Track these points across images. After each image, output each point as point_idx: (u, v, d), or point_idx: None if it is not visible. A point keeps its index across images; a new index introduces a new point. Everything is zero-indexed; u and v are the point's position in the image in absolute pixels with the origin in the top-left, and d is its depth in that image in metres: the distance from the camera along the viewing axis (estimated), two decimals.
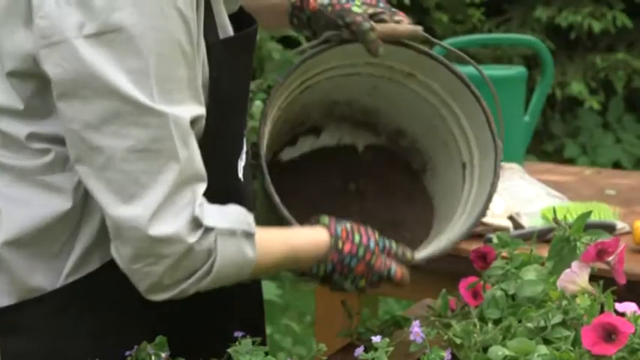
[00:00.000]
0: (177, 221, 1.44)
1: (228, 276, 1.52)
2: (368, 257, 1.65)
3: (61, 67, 1.41)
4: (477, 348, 1.76)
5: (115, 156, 1.42)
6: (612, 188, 3.00)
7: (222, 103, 1.56)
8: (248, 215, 1.53)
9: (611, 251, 1.71)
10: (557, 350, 1.63)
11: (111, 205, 1.44)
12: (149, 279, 1.46)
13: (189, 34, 1.44)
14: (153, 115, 1.41)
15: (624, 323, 1.52)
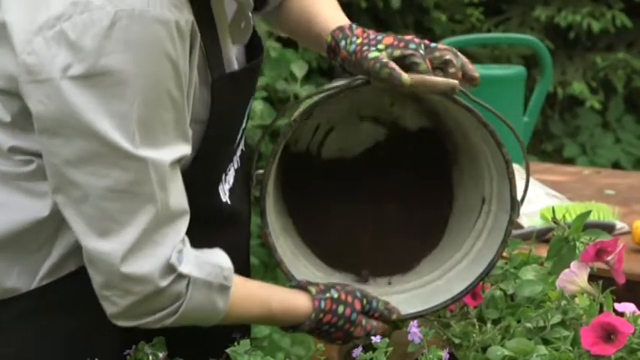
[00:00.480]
0: (151, 262, 1.45)
1: (194, 319, 1.53)
2: (347, 327, 1.66)
3: (44, 105, 1.41)
4: (476, 348, 1.76)
5: (91, 193, 1.43)
6: (611, 188, 3.00)
7: (215, 135, 1.57)
8: (226, 267, 1.53)
9: (611, 251, 1.70)
10: (557, 350, 1.63)
11: (86, 236, 1.45)
12: (114, 307, 1.48)
13: (179, 79, 1.44)
14: (132, 159, 1.42)
15: (623, 323, 1.51)
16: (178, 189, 1.48)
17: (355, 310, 1.65)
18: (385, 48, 1.61)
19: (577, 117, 5.66)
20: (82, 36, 1.38)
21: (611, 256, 1.71)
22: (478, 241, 1.83)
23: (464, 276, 1.80)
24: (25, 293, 1.54)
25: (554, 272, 1.78)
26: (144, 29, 1.39)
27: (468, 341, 1.77)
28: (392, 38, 1.62)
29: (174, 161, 1.46)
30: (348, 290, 1.67)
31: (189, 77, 1.48)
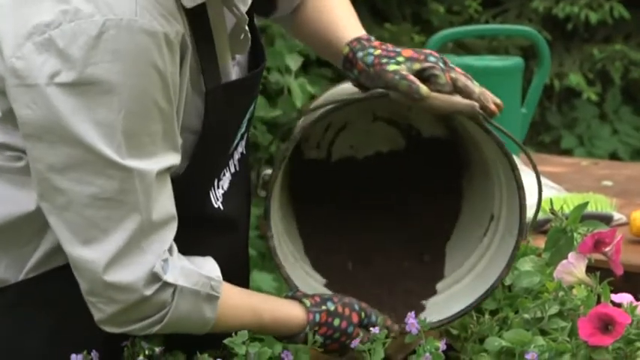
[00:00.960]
0: (135, 272, 1.44)
1: (182, 328, 1.52)
2: (343, 339, 1.64)
3: (30, 110, 1.40)
4: (474, 339, 1.76)
5: (75, 200, 1.42)
6: (609, 179, 3.01)
7: (208, 146, 1.56)
8: (214, 277, 1.52)
9: (608, 242, 1.70)
10: (554, 341, 1.63)
11: (70, 244, 1.45)
12: (100, 314, 1.47)
13: (167, 90, 1.43)
14: (117, 168, 1.41)
15: (621, 314, 1.51)
16: (165, 198, 1.47)
17: (352, 323, 1.64)
18: (405, 61, 1.60)
19: (574, 108, 5.65)
20: (71, 44, 1.38)
21: (609, 248, 1.71)
22: (482, 259, 1.81)
23: (465, 295, 1.78)
24: (11, 285, 1.54)
25: (552, 263, 1.78)
26: (131, 39, 1.39)
27: (466, 332, 1.77)
28: (411, 51, 1.61)
29: (161, 170, 1.45)
30: (346, 302, 1.65)
31: (180, 88, 1.47)
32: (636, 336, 1.53)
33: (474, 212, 1.87)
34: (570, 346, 1.60)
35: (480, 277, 1.79)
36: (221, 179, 1.64)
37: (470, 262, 1.82)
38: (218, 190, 1.63)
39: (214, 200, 1.62)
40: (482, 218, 1.83)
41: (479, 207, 1.85)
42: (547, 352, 1.60)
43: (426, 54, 1.61)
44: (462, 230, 1.88)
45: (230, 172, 1.67)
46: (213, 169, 1.62)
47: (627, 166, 3.65)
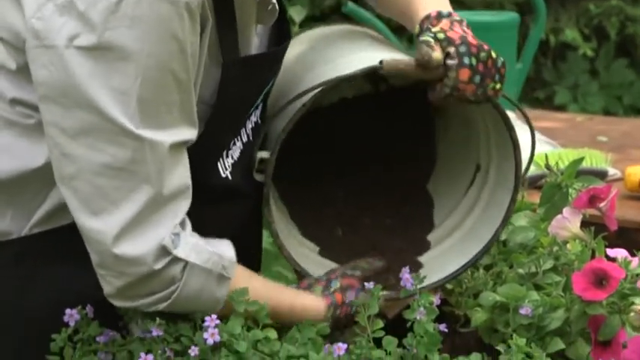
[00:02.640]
0: (145, 244, 1.43)
1: (190, 307, 1.51)
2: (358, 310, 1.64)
3: (48, 71, 1.40)
4: (468, 294, 1.76)
5: (86, 168, 1.41)
6: (604, 135, 3.01)
7: (220, 118, 1.55)
8: (226, 257, 1.51)
9: (603, 197, 1.70)
10: (548, 296, 1.64)
11: (80, 214, 1.44)
12: (109, 287, 1.47)
13: (185, 61, 1.42)
14: (130, 137, 1.40)
15: (615, 269, 1.52)
16: (179, 171, 1.46)
17: (358, 288, 1.65)
18: (444, 39, 1.59)
19: (569, 64, 5.64)
20: (91, 8, 1.38)
21: (604, 203, 1.71)
22: (472, 213, 1.81)
23: (459, 251, 1.77)
24: (15, 239, 1.54)
25: (547, 218, 1.78)
26: (152, 7, 1.38)
27: (460, 287, 1.77)
28: (458, 36, 1.59)
29: (175, 144, 1.44)
30: (341, 273, 1.66)
31: (199, 59, 1.46)
32: (630, 290, 1.53)
33: (453, 160, 1.86)
34: (564, 301, 1.60)
35: (473, 232, 1.79)
36: (231, 149, 1.63)
37: (459, 214, 1.82)
38: (227, 160, 1.62)
39: (222, 170, 1.61)
40: (465, 167, 1.82)
41: (459, 155, 1.84)
42: (541, 307, 1.60)
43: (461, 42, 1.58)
44: (443, 178, 1.87)
45: (242, 141, 1.66)
46: (222, 140, 1.61)
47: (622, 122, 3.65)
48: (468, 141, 1.82)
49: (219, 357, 1.49)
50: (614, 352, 1.52)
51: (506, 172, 1.74)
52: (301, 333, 1.57)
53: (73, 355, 1.52)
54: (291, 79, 1.72)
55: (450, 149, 1.87)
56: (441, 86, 1.58)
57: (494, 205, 1.77)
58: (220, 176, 1.61)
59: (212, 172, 1.60)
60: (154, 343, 1.51)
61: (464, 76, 1.57)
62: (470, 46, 1.58)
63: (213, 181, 1.60)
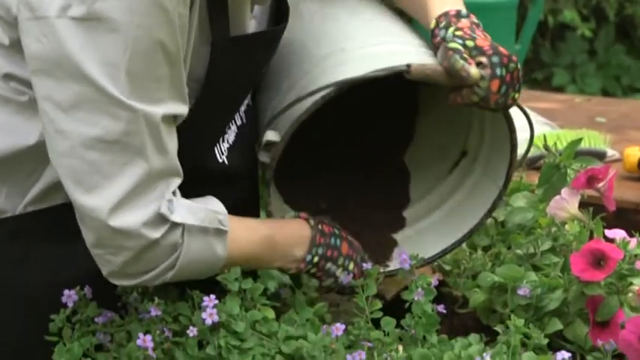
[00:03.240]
0: (142, 215, 1.43)
1: (195, 271, 1.51)
2: (344, 235, 1.65)
3: (40, 43, 1.40)
4: (466, 275, 1.76)
5: (79, 143, 1.41)
6: (602, 116, 3.00)
7: (212, 98, 1.55)
8: (220, 212, 1.51)
9: (601, 178, 1.70)
10: (546, 276, 1.64)
11: (74, 191, 1.44)
12: (109, 266, 1.47)
13: (174, 34, 1.41)
14: (123, 108, 1.40)
15: (613, 249, 1.52)
16: (172, 146, 1.46)
17: (330, 224, 1.66)
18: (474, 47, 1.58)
19: (567, 45, 5.63)
20: None
21: (602, 184, 1.71)
22: (452, 197, 1.80)
23: (434, 236, 1.77)
24: (9, 217, 1.54)
25: (545, 199, 1.78)
26: None
27: (459, 268, 1.77)
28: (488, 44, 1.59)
29: (167, 116, 1.44)
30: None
31: (189, 34, 1.46)
32: (628, 271, 1.53)
33: (438, 138, 1.85)
34: (562, 282, 1.61)
35: (451, 218, 1.78)
36: (226, 133, 1.63)
37: (438, 194, 1.82)
38: (223, 144, 1.62)
39: (219, 155, 1.61)
40: (449, 149, 1.82)
41: (444, 135, 1.83)
42: (539, 288, 1.60)
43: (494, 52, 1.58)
44: (425, 153, 1.86)
45: (236, 124, 1.66)
46: (218, 124, 1.61)
47: (621, 103, 3.64)
48: (457, 124, 1.81)
49: (218, 337, 1.49)
50: (612, 333, 1.52)
51: (496, 167, 1.73)
52: (299, 314, 1.57)
53: (72, 335, 1.52)
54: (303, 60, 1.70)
55: (435, 126, 1.86)
56: (469, 93, 1.57)
57: (478, 196, 1.76)
58: (217, 161, 1.61)
59: (209, 157, 1.60)
60: (153, 324, 1.51)
61: (495, 87, 1.57)
62: (502, 57, 1.58)
63: (211, 167, 1.60)
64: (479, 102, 1.58)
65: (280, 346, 1.51)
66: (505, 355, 1.46)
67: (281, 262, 1.60)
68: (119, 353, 1.50)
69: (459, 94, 1.58)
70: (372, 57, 1.62)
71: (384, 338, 1.51)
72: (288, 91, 1.65)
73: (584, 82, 5.54)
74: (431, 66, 1.58)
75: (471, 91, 1.57)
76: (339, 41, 1.68)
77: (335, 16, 1.74)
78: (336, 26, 1.73)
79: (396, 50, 1.64)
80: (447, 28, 1.62)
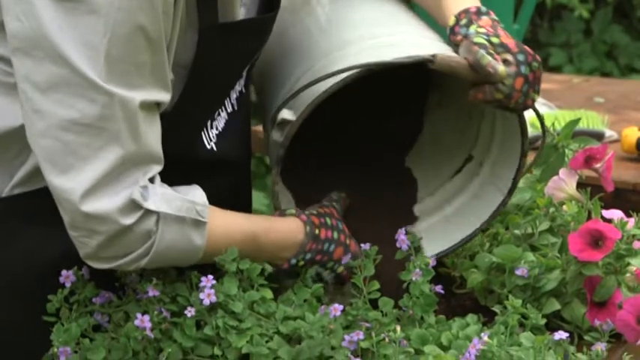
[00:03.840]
0: (114, 201, 1.42)
1: (172, 259, 1.50)
2: (343, 239, 1.63)
3: (19, 22, 1.39)
4: (464, 255, 1.76)
5: (55, 124, 1.40)
6: (601, 96, 3.00)
7: (199, 85, 1.53)
8: (198, 202, 1.49)
9: (600, 158, 1.70)
10: (544, 257, 1.64)
11: (49, 172, 1.43)
12: (85, 249, 1.46)
13: (156, 19, 1.40)
14: (100, 92, 1.38)
15: (611, 229, 1.52)
16: (152, 133, 1.44)
17: (337, 218, 1.64)
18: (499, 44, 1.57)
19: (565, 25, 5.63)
20: None
21: (600, 164, 1.71)
22: (454, 200, 1.79)
23: (439, 234, 1.76)
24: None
25: (543, 179, 1.78)
26: None
27: None
28: (513, 42, 1.58)
29: (146, 102, 1.42)
30: (316, 205, 1.66)
31: (174, 21, 1.44)
32: (626, 251, 1.53)
33: (443, 140, 1.84)
34: (560, 262, 1.61)
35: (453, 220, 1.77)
36: (215, 119, 1.62)
37: (441, 196, 1.80)
38: (212, 131, 1.61)
39: (207, 141, 1.60)
40: (455, 153, 1.81)
41: (451, 138, 1.82)
42: (537, 268, 1.60)
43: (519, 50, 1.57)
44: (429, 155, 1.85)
45: (227, 111, 1.64)
46: (205, 109, 1.59)
47: (619, 83, 3.64)
48: (465, 128, 1.80)
49: (216, 317, 1.49)
50: (609, 313, 1.52)
51: (502, 172, 1.72)
52: (297, 295, 1.57)
53: (70, 316, 1.52)
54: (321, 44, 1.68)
55: (442, 128, 1.85)
56: (492, 90, 1.56)
57: (481, 200, 1.75)
58: (205, 148, 1.60)
59: (196, 143, 1.58)
60: (150, 304, 1.51)
61: (519, 85, 1.56)
62: (527, 55, 1.57)
63: (198, 153, 1.59)
64: (501, 99, 1.56)
65: (278, 326, 1.51)
66: (503, 335, 1.47)
67: (266, 259, 1.59)
68: (117, 333, 1.50)
69: (481, 91, 1.57)
70: (396, 45, 1.61)
71: (381, 318, 1.51)
72: (304, 72, 1.63)
73: (581, 61, 5.53)
74: (456, 58, 1.57)
75: (495, 88, 1.56)
76: (364, 28, 1.67)
77: (359, 5, 1.74)
78: (361, 14, 1.72)
79: (421, 42, 1.63)
80: (468, 26, 1.61)
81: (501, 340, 1.45)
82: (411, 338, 1.47)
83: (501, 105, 1.58)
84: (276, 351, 1.46)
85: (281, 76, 1.70)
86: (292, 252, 1.58)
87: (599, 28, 5.61)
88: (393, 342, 1.40)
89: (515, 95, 1.56)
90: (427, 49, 1.59)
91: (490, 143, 1.76)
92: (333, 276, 1.63)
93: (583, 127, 2.54)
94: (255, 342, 1.47)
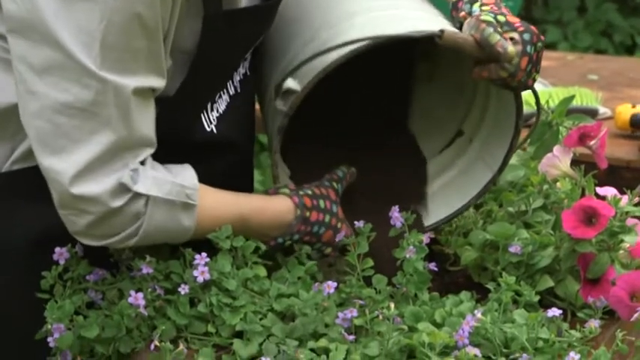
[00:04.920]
0: (103, 184, 1.42)
1: (161, 239, 1.51)
2: (334, 223, 1.63)
3: (15, 4, 1.39)
4: (458, 232, 1.76)
5: (48, 106, 1.40)
6: (595, 73, 3.00)
7: (201, 70, 1.53)
8: (188, 186, 1.49)
9: (593, 135, 1.70)
10: (538, 234, 1.64)
11: (40, 152, 1.43)
12: (74, 226, 1.46)
13: (155, 7, 1.39)
14: (94, 78, 1.38)
15: (605, 207, 1.52)
16: (145, 119, 1.44)
17: (333, 201, 1.64)
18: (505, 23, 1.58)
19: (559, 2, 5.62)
20: None
21: (594, 141, 1.71)
22: (445, 173, 1.79)
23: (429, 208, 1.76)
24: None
25: (537, 157, 1.78)
26: None
27: (450, 226, 1.77)
28: (518, 21, 1.59)
29: (139, 89, 1.42)
30: (315, 183, 1.65)
31: (173, 8, 1.44)
32: (619, 228, 1.53)
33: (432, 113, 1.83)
34: (554, 239, 1.61)
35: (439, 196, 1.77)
36: (216, 102, 1.62)
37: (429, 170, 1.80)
38: (212, 113, 1.60)
39: (207, 124, 1.60)
40: (445, 127, 1.80)
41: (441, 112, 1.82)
42: (531, 245, 1.60)
43: (525, 29, 1.58)
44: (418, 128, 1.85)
45: (229, 94, 1.64)
46: (206, 92, 1.59)
47: (613, 60, 3.64)
48: (456, 102, 1.80)
49: (210, 295, 1.49)
50: (603, 290, 1.52)
51: (493, 150, 1.72)
52: (290, 272, 1.57)
53: (64, 293, 1.52)
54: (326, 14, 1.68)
55: (432, 101, 1.84)
56: (497, 68, 1.56)
57: (469, 176, 1.76)
58: (205, 130, 1.59)
59: (196, 125, 1.58)
60: (144, 281, 1.51)
61: (524, 65, 1.56)
62: (532, 35, 1.57)
63: (197, 135, 1.58)
64: (505, 78, 1.56)
65: (272, 303, 1.51)
66: (496, 312, 1.47)
67: (254, 237, 1.58)
68: (110, 311, 1.50)
69: (486, 69, 1.57)
70: (405, 18, 1.61)
71: (375, 296, 1.52)
72: (306, 43, 1.63)
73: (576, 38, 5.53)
74: (462, 35, 1.57)
75: (500, 67, 1.56)
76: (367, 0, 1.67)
77: None
78: None
79: (424, 16, 1.63)
80: (472, 3, 1.61)
81: (495, 317, 1.45)
82: (405, 315, 1.47)
83: (504, 83, 1.59)
84: (269, 328, 1.47)
85: (280, 47, 1.69)
86: (280, 232, 1.59)
87: (593, 4, 5.60)
88: (386, 319, 1.40)
89: (519, 74, 1.57)
90: (432, 24, 1.59)
91: (482, 120, 1.76)
92: (319, 255, 1.63)
93: (577, 104, 2.54)
94: (249, 319, 1.47)
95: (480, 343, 1.41)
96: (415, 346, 1.39)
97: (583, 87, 2.71)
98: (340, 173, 1.69)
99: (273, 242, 1.59)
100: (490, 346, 1.41)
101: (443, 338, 1.38)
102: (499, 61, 1.56)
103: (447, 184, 1.78)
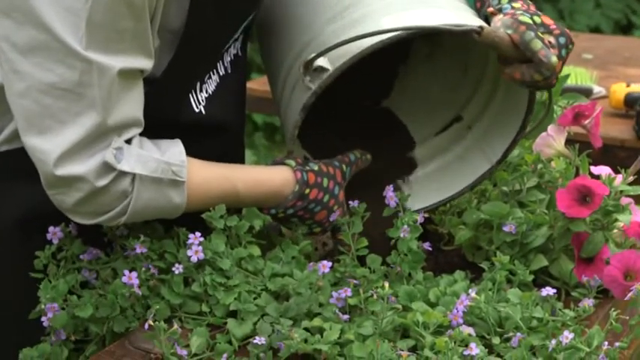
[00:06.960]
0: (87, 164, 1.41)
1: (152, 215, 1.50)
2: (331, 204, 1.62)
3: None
4: (452, 212, 1.76)
5: (35, 86, 1.39)
6: (589, 52, 3.00)
7: (188, 49, 1.52)
8: (174, 163, 1.47)
9: (588, 115, 1.70)
10: (532, 213, 1.64)
11: (26, 132, 1.42)
12: (63, 205, 1.46)
13: None
14: (79, 59, 1.37)
15: (599, 186, 1.52)
16: (131, 100, 1.43)
17: (337, 182, 1.63)
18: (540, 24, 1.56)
19: None
20: None
21: (589, 120, 1.70)
22: (440, 157, 1.78)
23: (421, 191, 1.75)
24: None
25: (532, 136, 1.78)
26: None
27: (444, 205, 1.77)
28: (551, 21, 1.57)
29: (125, 70, 1.41)
30: (326, 161, 1.64)
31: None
32: (613, 207, 1.54)
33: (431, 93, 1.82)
34: (548, 218, 1.61)
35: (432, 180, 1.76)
36: (205, 82, 1.61)
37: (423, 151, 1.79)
38: (201, 94, 1.60)
39: (195, 105, 1.59)
40: (442, 110, 1.79)
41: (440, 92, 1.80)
42: (525, 224, 1.61)
43: (561, 33, 1.57)
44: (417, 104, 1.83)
45: (218, 74, 1.63)
46: (194, 72, 1.58)
47: (607, 39, 3.63)
48: (457, 86, 1.79)
49: (204, 274, 1.49)
50: (597, 269, 1.53)
51: (494, 142, 1.71)
52: (285, 252, 1.57)
53: (57, 272, 1.52)
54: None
55: (430, 81, 1.83)
56: (532, 72, 1.54)
57: (466, 163, 1.75)
58: (193, 111, 1.58)
59: (183, 106, 1.57)
60: (138, 261, 1.51)
61: (559, 69, 1.55)
62: (567, 38, 1.56)
63: (185, 116, 1.57)
64: (539, 81, 1.54)
65: (266, 283, 1.51)
66: (490, 291, 1.47)
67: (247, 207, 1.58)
68: (104, 290, 1.50)
69: (518, 71, 1.55)
70: (441, 9, 1.59)
71: (369, 275, 1.52)
72: (337, 19, 1.60)
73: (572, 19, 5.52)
74: (500, 33, 1.54)
75: (535, 71, 1.53)
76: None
77: None
78: None
79: (458, 5, 1.61)
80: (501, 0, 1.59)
81: (489, 296, 1.45)
82: (399, 295, 1.48)
83: (534, 85, 1.56)
84: (263, 308, 1.47)
85: (300, 23, 1.66)
86: (274, 203, 1.58)
87: None
88: (380, 299, 1.40)
89: (553, 79, 1.55)
90: (467, 18, 1.56)
91: (484, 109, 1.74)
92: (307, 231, 1.63)
93: (571, 83, 2.54)
94: (243, 299, 1.47)
95: (474, 322, 1.42)
96: (409, 326, 1.40)
97: (578, 66, 2.71)
98: (352, 157, 1.67)
99: (266, 211, 1.59)
100: (484, 325, 1.41)
101: (437, 317, 1.39)
102: (536, 66, 1.53)
103: (442, 168, 1.77)
